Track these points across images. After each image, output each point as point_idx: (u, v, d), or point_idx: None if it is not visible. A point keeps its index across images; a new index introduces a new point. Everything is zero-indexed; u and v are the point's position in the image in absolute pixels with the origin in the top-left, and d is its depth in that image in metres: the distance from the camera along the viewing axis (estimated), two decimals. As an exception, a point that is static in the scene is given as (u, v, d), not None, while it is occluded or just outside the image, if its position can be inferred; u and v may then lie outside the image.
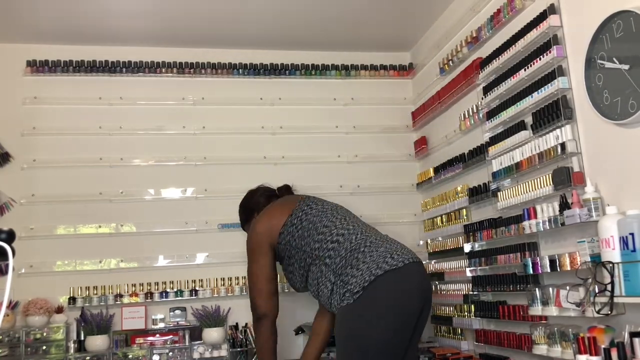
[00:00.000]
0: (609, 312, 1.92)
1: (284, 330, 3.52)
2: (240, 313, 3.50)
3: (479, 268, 2.97)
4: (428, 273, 3.58)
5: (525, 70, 2.54)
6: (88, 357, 3.23)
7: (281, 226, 2.43)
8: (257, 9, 3.35)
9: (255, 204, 2.74)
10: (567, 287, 2.22)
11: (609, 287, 1.91)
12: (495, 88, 2.80)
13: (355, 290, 2.15)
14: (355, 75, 3.98)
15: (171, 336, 3.38)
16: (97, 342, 3.22)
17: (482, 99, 2.94)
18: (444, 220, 3.43)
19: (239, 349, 3.38)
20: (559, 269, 2.29)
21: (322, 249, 2.32)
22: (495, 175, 2.79)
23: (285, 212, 2.47)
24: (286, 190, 2.81)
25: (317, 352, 2.65)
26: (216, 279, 3.55)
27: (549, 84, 2.38)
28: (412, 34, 3.84)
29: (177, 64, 3.75)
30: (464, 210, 3.21)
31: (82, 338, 3.26)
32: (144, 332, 3.38)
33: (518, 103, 2.60)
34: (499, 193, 2.74)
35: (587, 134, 2.25)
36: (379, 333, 2.12)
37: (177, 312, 3.48)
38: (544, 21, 2.40)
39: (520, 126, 2.61)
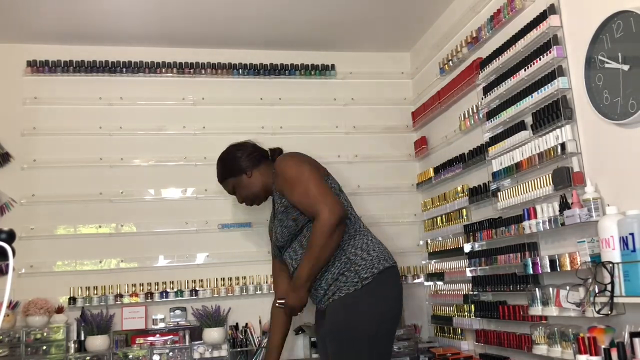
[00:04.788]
0: (609, 312, 1.92)
1: (284, 330, 3.54)
2: (241, 313, 3.51)
3: (479, 268, 2.97)
4: (428, 273, 3.63)
5: (525, 70, 2.54)
6: (88, 357, 3.23)
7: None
8: (257, 9, 3.35)
9: (250, 161, 2.59)
10: (567, 287, 2.22)
11: (609, 287, 1.91)
12: (495, 88, 2.80)
13: (364, 275, 2.17)
14: (355, 75, 3.98)
15: (171, 336, 3.38)
16: (97, 342, 3.22)
17: (482, 99, 2.94)
18: (444, 220, 3.43)
19: (239, 349, 3.38)
20: (559, 269, 2.29)
21: None
22: (495, 175, 2.79)
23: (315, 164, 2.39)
24: (279, 154, 2.64)
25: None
26: (216, 279, 3.55)
27: (549, 84, 2.38)
28: (412, 34, 3.84)
29: (177, 64, 3.75)
30: (464, 210, 3.21)
31: (82, 338, 3.26)
32: (144, 332, 3.37)
33: (518, 103, 2.60)
34: (499, 193, 2.74)
35: (587, 134, 2.25)
36: (382, 325, 2.15)
37: (177, 312, 3.48)
38: (544, 21, 2.40)
39: (520, 126, 2.61)
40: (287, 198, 2.35)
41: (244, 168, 2.60)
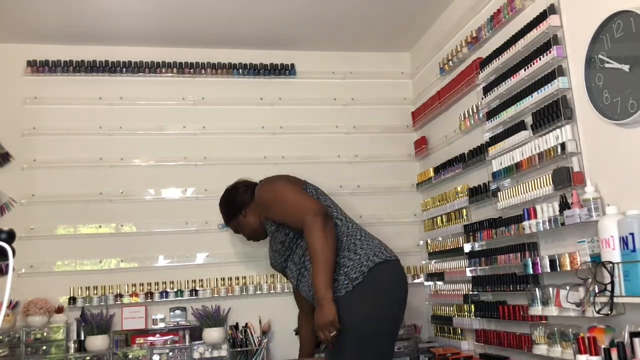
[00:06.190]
0: (609, 312, 1.92)
1: (284, 330, 3.54)
2: (241, 313, 3.51)
3: (479, 268, 2.97)
4: (428, 273, 3.63)
5: (525, 70, 2.55)
6: (88, 357, 3.23)
7: None
8: (257, 9, 3.35)
9: (240, 202, 2.74)
10: (567, 287, 2.22)
11: (609, 287, 1.91)
12: (495, 88, 2.80)
13: (353, 275, 2.21)
14: (355, 75, 3.98)
15: (171, 336, 3.38)
16: (97, 342, 3.22)
17: (482, 99, 2.94)
18: (444, 220, 3.43)
19: (239, 349, 3.38)
20: (559, 269, 2.29)
21: None
22: (495, 175, 2.79)
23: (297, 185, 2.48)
24: None
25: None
26: (216, 279, 3.55)
27: (549, 84, 2.38)
28: (412, 34, 3.84)
29: (177, 64, 3.75)
30: (464, 210, 3.21)
31: (82, 338, 3.26)
32: (144, 332, 3.37)
33: (518, 103, 2.60)
34: (499, 193, 2.74)
35: (587, 134, 2.25)
36: (380, 323, 2.18)
37: (177, 312, 3.48)
38: (544, 21, 2.40)
39: (520, 126, 2.61)
40: (275, 220, 2.48)
41: (238, 208, 2.74)
